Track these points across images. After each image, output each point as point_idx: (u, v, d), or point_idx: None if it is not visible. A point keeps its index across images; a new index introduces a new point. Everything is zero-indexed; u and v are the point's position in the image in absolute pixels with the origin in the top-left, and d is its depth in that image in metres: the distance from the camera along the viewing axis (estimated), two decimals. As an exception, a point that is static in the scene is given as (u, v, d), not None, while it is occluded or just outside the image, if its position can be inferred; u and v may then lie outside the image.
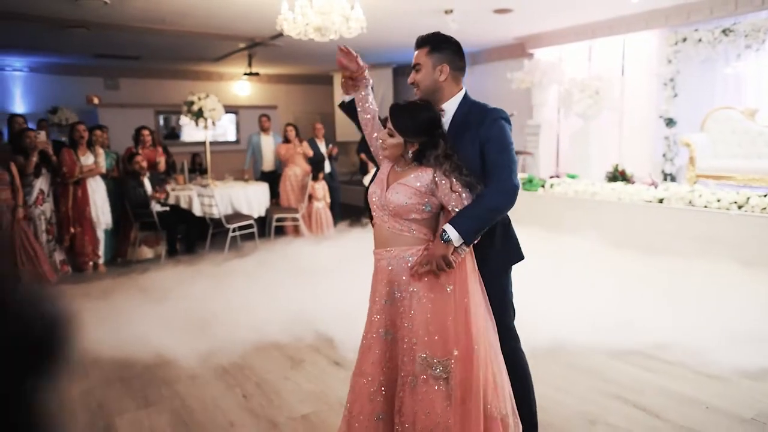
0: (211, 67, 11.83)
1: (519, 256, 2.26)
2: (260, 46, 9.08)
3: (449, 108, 2.20)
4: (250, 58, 10.05)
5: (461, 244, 1.98)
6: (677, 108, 7.09)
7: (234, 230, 6.76)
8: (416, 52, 2.24)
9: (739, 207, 5.13)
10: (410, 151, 2.07)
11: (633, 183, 6.42)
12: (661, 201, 5.70)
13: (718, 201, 5.28)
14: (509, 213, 2.20)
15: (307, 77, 13.44)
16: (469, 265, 2.03)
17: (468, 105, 2.20)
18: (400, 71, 12.06)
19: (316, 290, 4.84)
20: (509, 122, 2.17)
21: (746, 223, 5.00)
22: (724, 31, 6.57)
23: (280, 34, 8.24)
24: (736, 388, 3.06)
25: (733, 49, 6.56)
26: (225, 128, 11.98)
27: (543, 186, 7.02)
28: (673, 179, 7.11)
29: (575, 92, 7.60)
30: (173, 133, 11.95)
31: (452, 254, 1.97)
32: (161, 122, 11.69)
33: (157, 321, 4.25)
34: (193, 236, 6.88)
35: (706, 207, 5.35)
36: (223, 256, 6.50)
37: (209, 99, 7.04)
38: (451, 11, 7.04)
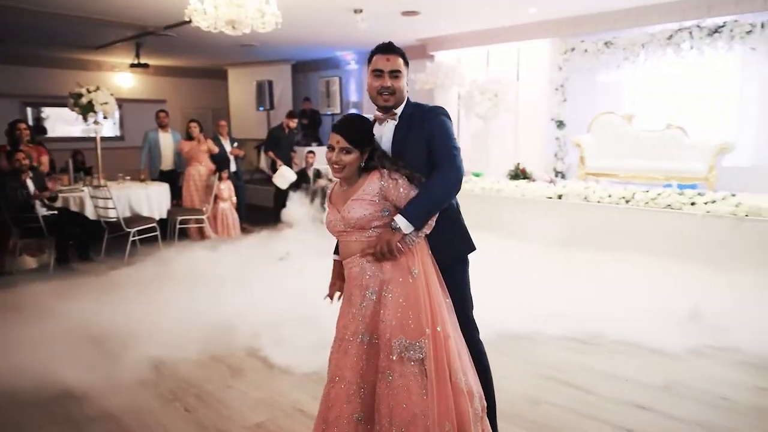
0: (89, 56, 10.84)
1: (470, 247, 2.36)
2: (151, 35, 8.50)
3: (398, 112, 2.28)
4: (137, 47, 9.36)
5: (411, 231, 2.05)
6: (567, 111, 7.75)
7: (133, 234, 6.27)
8: (392, 59, 2.23)
9: (627, 201, 5.73)
10: (362, 162, 2.13)
11: (534, 180, 6.91)
12: (560, 197, 6.20)
13: (609, 196, 5.85)
14: (460, 208, 2.35)
15: (199, 71, 12.80)
16: (424, 250, 2.13)
17: (411, 107, 2.28)
18: (299, 68, 11.91)
19: (232, 296, 4.59)
20: (449, 117, 2.28)
21: (633, 216, 5.59)
22: (606, 44, 7.30)
23: (176, 24, 7.79)
24: (649, 362, 3.44)
25: (613, 60, 7.31)
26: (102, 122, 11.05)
27: (450, 184, 7.30)
28: (563, 177, 7.76)
29: (476, 94, 8.00)
30: (38, 127, 10.76)
31: (401, 241, 2.04)
32: (29, 115, 10.51)
33: (55, 340, 3.79)
34: (87, 242, 6.27)
35: (599, 202, 5.91)
36: (124, 262, 6.01)
37: (100, 92, 6.45)
38: (361, 11, 7.09)
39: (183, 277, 5.25)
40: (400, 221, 2.03)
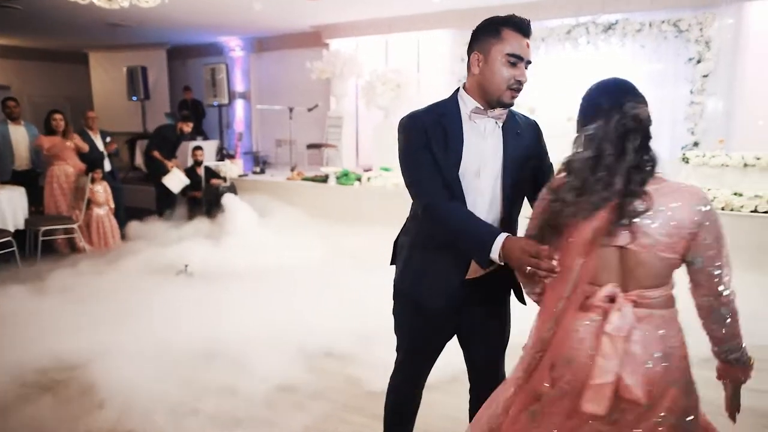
0: None
1: None
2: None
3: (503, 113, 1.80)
4: (-27, 23, 7.78)
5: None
6: (470, 104, 7.69)
7: (-16, 251, 5.10)
8: (529, 44, 1.72)
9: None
10: None
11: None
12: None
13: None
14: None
15: (52, 53, 11.09)
16: None
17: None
18: (176, 53, 10.75)
19: (121, 331, 3.58)
20: None
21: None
22: (506, 36, 7.32)
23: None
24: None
25: (514, 53, 7.35)
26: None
27: (359, 180, 6.92)
28: (467, 170, 7.70)
29: (378, 85, 7.68)
30: None
31: None
32: None
33: None
34: None
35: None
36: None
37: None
38: (256, -9, 6.43)
39: (50, 305, 4.17)
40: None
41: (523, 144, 1.79)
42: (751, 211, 5.05)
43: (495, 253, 1.57)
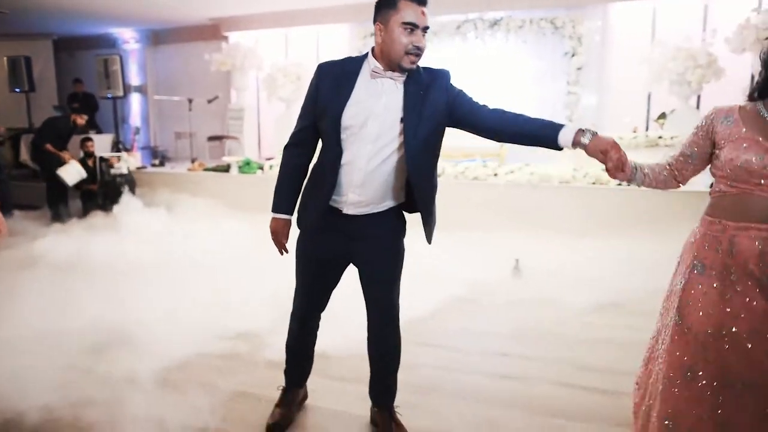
0: None
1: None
2: None
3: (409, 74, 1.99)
4: None
5: None
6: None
7: None
8: (426, 13, 1.92)
9: (438, 176, 6.12)
10: None
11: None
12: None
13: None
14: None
15: None
16: None
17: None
18: (63, 44, 10.17)
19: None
20: None
21: (444, 189, 5.99)
22: (405, 29, 7.69)
23: None
24: (494, 315, 3.70)
25: (416, 45, 7.75)
26: None
27: (261, 168, 6.98)
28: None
29: (279, 77, 7.78)
30: None
31: None
32: None
33: None
34: None
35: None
36: None
37: None
38: (149, -22, 6.32)
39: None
40: None
41: (428, 99, 1.97)
42: (617, 185, 5.72)
43: (274, 215, 2.14)
